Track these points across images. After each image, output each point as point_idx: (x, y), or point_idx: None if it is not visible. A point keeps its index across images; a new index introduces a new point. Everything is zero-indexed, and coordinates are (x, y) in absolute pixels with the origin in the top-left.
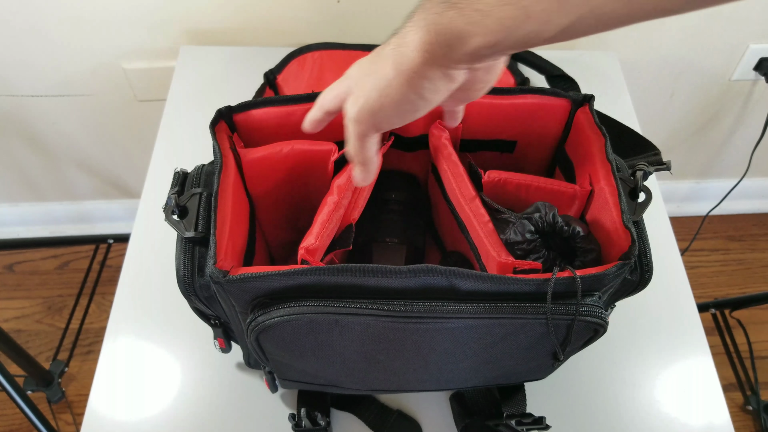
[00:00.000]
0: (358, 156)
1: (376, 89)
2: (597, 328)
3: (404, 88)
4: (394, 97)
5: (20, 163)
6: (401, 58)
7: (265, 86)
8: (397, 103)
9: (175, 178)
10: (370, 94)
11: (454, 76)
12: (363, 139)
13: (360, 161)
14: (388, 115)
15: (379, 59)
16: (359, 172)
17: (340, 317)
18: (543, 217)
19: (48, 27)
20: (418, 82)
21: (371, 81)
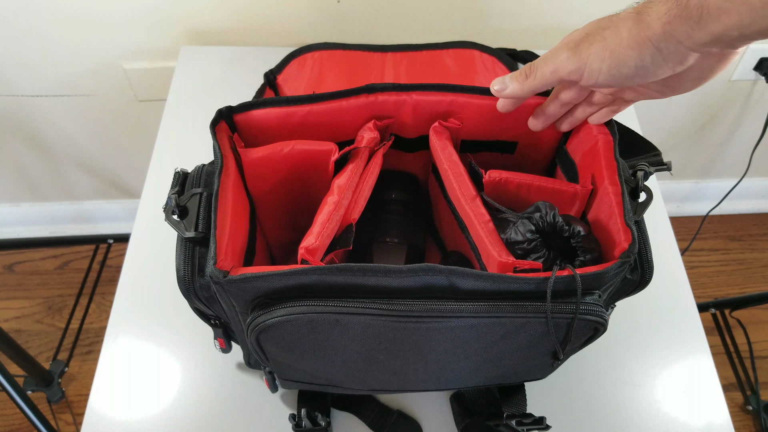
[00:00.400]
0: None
1: (603, 43)
2: (597, 327)
3: (632, 52)
4: (617, 56)
5: (20, 163)
6: (640, 24)
7: (265, 86)
8: (617, 64)
9: (176, 178)
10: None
11: (686, 57)
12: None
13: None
14: (601, 70)
15: (616, 20)
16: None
17: (341, 317)
18: (543, 216)
19: (48, 27)
20: (648, 51)
21: (603, 34)
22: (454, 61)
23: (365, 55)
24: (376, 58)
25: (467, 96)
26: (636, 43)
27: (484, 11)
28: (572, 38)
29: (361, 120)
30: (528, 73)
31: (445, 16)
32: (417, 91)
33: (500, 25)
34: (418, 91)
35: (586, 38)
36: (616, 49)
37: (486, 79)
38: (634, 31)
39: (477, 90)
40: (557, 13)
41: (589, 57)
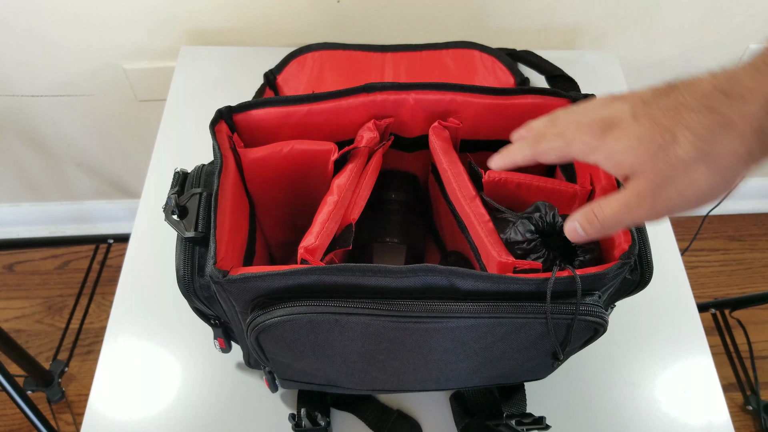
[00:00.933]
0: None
1: (690, 196)
2: (597, 328)
3: (723, 190)
4: (709, 198)
5: (20, 163)
6: (723, 171)
7: (265, 86)
8: (708, 201)
9: (175, 178)
10: (685, 200)
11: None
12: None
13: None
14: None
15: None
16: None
17: (340, 317)
18: (543, 216)
19: (48, 27)
20: (736, 181)
21: (681, 189)
22: (454, 61)
23: (365, 55)
24: (376, 58)
25: (467, 95)
26: (727, 183)
27: (484, 11)
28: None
29: (361, 119)
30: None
31: (445, 16)
32: (416, 90)
33: (500, 25)
34: (417, 90)
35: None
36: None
37: (486, 79)
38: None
39: (476, 89)
40: (557, 13)
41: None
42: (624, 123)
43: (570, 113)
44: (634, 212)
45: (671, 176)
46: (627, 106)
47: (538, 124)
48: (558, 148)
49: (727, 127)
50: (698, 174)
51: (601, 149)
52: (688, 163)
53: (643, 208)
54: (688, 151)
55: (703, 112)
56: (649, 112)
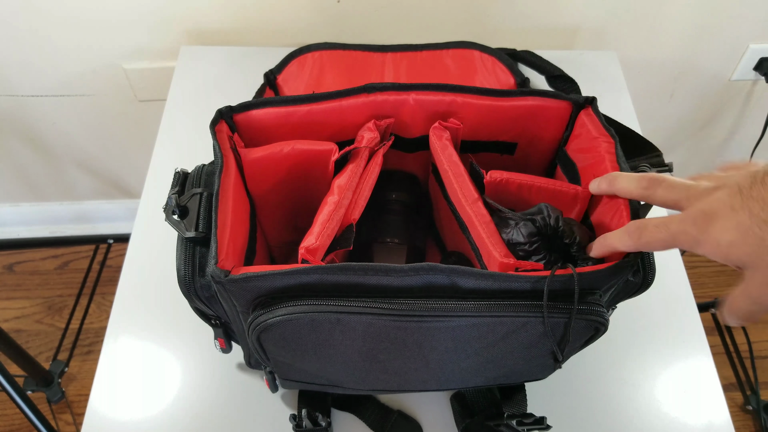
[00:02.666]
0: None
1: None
2: (598, 327)
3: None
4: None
5: (20, 163)
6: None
7: (265, 86)
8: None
9: (176, 178)
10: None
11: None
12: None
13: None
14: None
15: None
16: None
17: (342, 316)
18: (546, 218)
19: (48, 27)
20: None
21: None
22: (454, 61)
23: (365, 55)
24: (376, 58)
25: (467, 96)
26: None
27: (484, 11)
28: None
29: (361, 120)
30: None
31: (445, 16)
32: (417, 91)
33: (500, 25)
34: (417, 90)
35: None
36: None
37: (486, 79)
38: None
39: (477, 90)
40: (557, 13)
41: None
42: (723, 214)
43: (668, 188)
44: (763, 302)
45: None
46: (725, 197)
47: (636, 192)
48: (662, 240)
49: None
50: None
51: (707, 243)
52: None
53: (767, 296)
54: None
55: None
56: (745, 204)
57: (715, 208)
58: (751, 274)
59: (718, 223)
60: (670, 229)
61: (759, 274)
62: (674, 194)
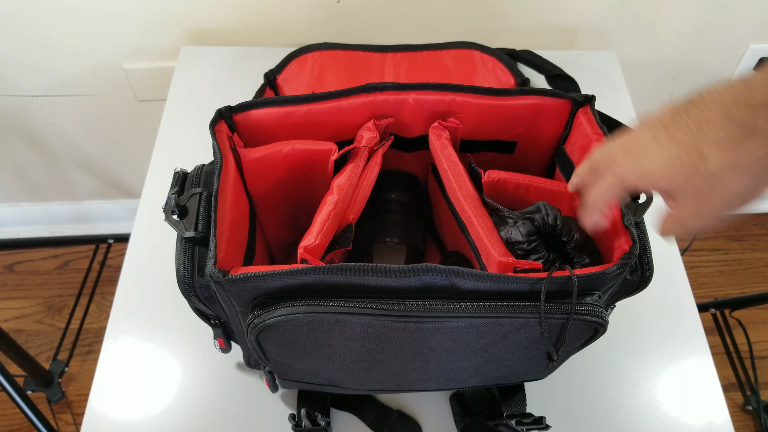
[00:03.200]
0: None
1: (733, 203)
2: (597, 328)
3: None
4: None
5: (20, 163)
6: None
7: (265, 86)
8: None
9: (175, 178)
10: (727, 206)
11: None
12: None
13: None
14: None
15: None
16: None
17: (341, 316)
18: (544, 217)
19: (48, 27)
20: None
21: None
22: (454, 61)
23: (365, 55)
24: (376, 58)
25: (467, 96)
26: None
27: (484, 11)
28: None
29: (361, 119)
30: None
31: (445, 16)
32: (416, 91)
33: (500, 25)
34: (417, 90)
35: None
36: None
37: (486, 79)
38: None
39: (476, 90)
40: (557, 13)
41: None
42: (649, 147)
43: (601, 151)
44: (689, 226)
45: (708, 189)
46: (648, 133)
47: (581, 172)
48: (605, 194)
49: (753, 134)
50: (736, 183)
51: (637, 176)
52: (720, 174)
53: (694, 222)
54: (720, 165)
55: (727, 125)
56: (671, 135)
57: (640, 144)
58: (681, 200)
59: (646, 156)
60: (606, 179)
61: (684, 200)
62: (604, 154)
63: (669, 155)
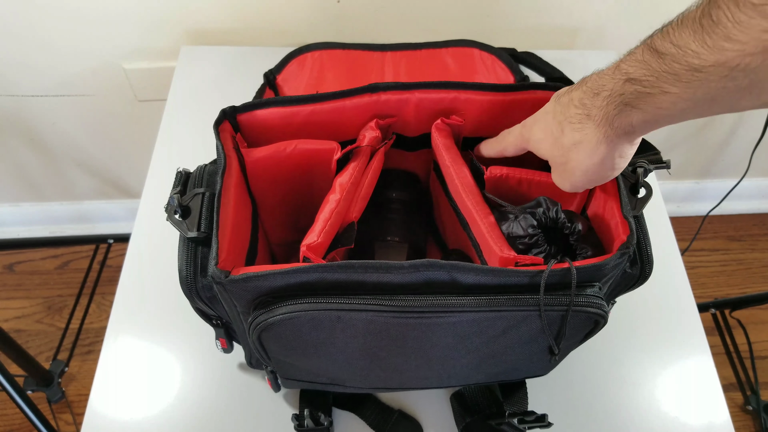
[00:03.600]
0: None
1: (585, 174)
2: (597, 320)
3: (603, 167)
4: (595, 173)
5: (20, 163)
6: (593, 152)
7: (265, 86)
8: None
9: (178, 178)
10: (582, 176)
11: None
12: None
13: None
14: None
15: (568, 151)
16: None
17: (342, 313)
18: (546, 212)
19: (48, 27)
20: (612, 162)
21: (575, 167)
22: (454, 59)
23: (365, 54)
24: (376, 58)
25: (470, 93)
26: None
27: (484, 11)
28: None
29: (364, 119)
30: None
31: (445, 16)
32: (419, 90)
33: (500, 25)
34: (420, 89)
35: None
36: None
37: (486, 77)
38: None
39: (479, 86)
40: (557, 13)
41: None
42: (540, 118)
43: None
44: (559, 185)
45: (564, 161)
46: (547, 106)
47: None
48: (512, 142)
49: (589, 117)
50: (580, 155)
51: (529, 141)
52: (571, 149)
53: (562, 184)
54: (570, 138)
55: (578, 107)
56: (554, 109)
57: (538, 115)
58: (553, 164)
59: (536, 125)
60: (513, 133)
61: (554, 164)
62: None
63: (547, 127)
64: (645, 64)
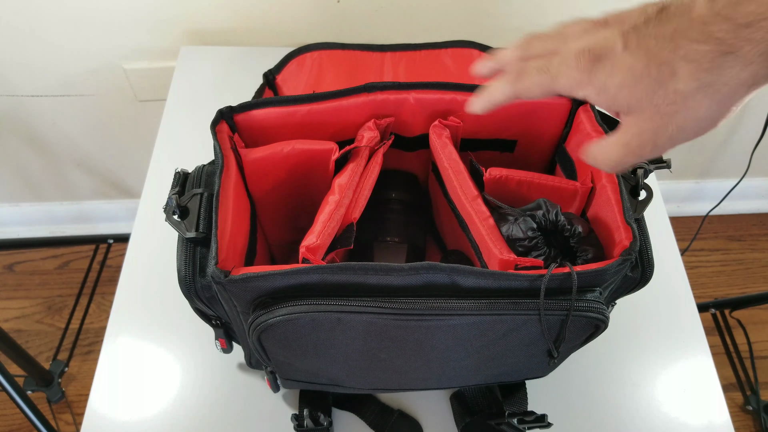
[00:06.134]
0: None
1: (691, 129)
2: (598, 324)
3: (723, 117)
4: (709, 127)
5: (20, 163)
6: (725, 100)
7: (264, 86)
8: (708, 129)
9: (176, 179)
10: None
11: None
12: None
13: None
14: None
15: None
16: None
17: (342, 315)
18: (545, 214)
19: (49, 27)
20: (737, 107)
21: (682, 123)
22: (453, 60)
23: (364, 54)
24: (375, 58)
25: (467, 94)
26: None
27: (484, 11)
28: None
29: (362, 119)
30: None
31: (445, 16)
32: (417, 90)
33: (500, 25)
34: (418, 89)
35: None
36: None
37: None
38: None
39: (477, 88)
40: (557, 13)
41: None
42: (615, 54)
43: (549, 40)
44: (637, 152)
45: (671, 112)
46: (617, 35)
47: (513, 56)
48: (542, 84)
49: (732, 54)
50: (699, 106)
51: (592, 84)
52: (688, 96)
53: (646, 149)
54: (688, 84)
55: (704, 41)
56: (642, 42)
57: (605, 47)
58: (635, 121)
59: (608, 63)
60: (551, 71)
61: (644, 120)
62: (550, 44)
63: (637, 66)
64: None
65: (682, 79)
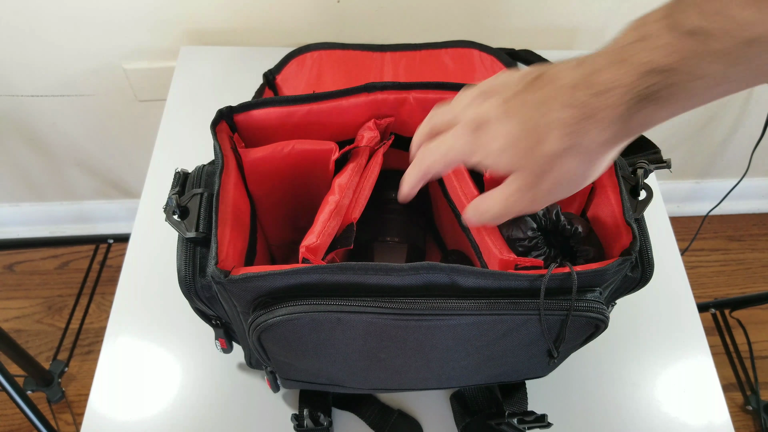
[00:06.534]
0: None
1: (565, 185)
2: (598, 324)
3: (595, 173)
4: (583, 182)
5: (20, 163)
6: (591, 158)
7: (264, 86)
8: (583, 184)
9: (176, 179)
10: (561, 189)
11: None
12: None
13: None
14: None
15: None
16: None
17: (342, 315)
18: (546, 214)
19: (48, 27)
20: (606, 164)
21: (556, 179)
22: (453, 60)
23: (364, 54)
24: (375, 58)
25: None
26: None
27: (484, 11)
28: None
29: (362, 119)
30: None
31: (445, 16)
32: (417, 90)
33: (500, 25)
34: (418, 89)
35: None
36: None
37: (485, 78)
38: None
39: None
40: (557, 13)
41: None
42: (497, 122)
43: (448, 113)
44: (517, 205)
45: (545, 170)
46: (499, 103)
47: (423, 133)
48: (441, 160)
49: (593, 118)
50: (570, 164)
51: (479, 151)
52: (557, 157)
53: (524, 201)
54: (556, 146)
55: (569, 105)
56: (519, 109)
57: (485, 117)
58: (516, 177)
59: (491, 129)
60: (445, 146)
61: (523, 177)
62: (447, 117)
63: (511, 130)
64: (671, 48)
65: (550, 142)
